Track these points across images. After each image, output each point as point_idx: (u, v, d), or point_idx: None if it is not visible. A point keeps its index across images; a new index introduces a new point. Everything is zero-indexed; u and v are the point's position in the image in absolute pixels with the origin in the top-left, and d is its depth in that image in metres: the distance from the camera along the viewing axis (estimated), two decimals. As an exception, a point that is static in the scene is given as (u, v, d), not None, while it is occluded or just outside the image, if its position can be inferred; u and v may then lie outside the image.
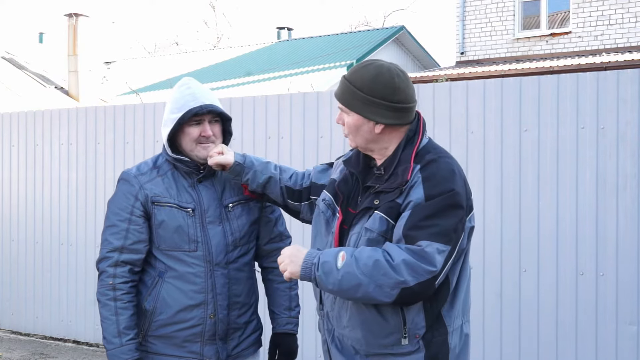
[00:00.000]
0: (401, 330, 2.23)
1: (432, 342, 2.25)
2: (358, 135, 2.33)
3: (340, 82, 2.38)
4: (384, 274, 2.11)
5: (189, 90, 2.64)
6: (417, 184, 2.21)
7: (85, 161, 6.62)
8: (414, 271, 2.11)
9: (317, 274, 2.20)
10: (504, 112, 4.82)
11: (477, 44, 16.43)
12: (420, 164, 2.25)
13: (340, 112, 2.38)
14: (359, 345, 2.30)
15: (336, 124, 2.47)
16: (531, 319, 4.73)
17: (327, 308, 2.39)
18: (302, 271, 2.23)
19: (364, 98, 2.28)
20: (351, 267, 2.15)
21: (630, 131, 4.50)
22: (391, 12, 49.40)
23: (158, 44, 40.69)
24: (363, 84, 2.28)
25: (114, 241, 2.62)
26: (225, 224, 2.68)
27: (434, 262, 2.12)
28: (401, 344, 2.24)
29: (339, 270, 2.16)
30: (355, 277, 2.13)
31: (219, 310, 2.65)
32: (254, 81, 18.62)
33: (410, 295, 2.13)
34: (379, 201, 2.26)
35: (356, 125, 2.32)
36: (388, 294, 2.12)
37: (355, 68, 2.34)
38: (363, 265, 2.13)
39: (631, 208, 4.48)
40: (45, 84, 17.65)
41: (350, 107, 2.31)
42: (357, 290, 2.14)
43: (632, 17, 14.78)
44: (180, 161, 2.65)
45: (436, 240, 2.14)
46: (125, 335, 2.58)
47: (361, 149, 2.38)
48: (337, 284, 2.16)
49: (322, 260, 2.20)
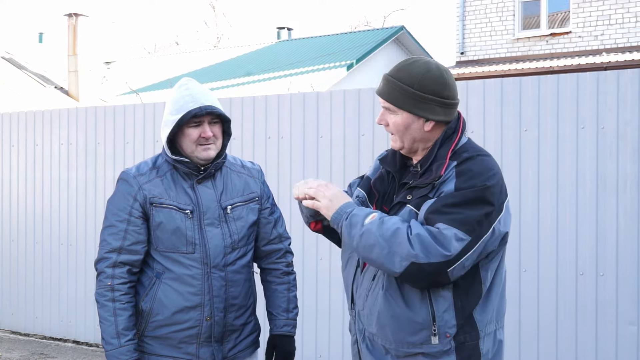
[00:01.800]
0: (430, 327, 2.18)
1: (464, 345, 2.20)
2: (406, 135, 2.28)
3: (383, 80, 2.31)
4: (399, 243, 2.10)
5: (188, 92, 2.62)
6: (450, 178, 2.18)
7: (85, 161, 6.62)
8: (427, 249, 2.08)
9: (345, 223, 2.20)
10: (504, 112, 4.82)
11: (477, 44, 16.43)
12: (457, 161, 2.22)
13: (382, 112, 2.31)
14: (389, 344, 2.25)
15: (336, 124, 2.46)
16: (531, 319, 4.72)
17: (359, 307, 2.34)
18: (334, 215, 2.24)
19: (415, 95, 2.23)
20: (374, 226, 2.14)
21: (630, 131, 4.49)
22: (391, 12, 49.43)
23: (158, 44, 40.72)
24: (413, 81, 2.23)
25: (112, 242, 2.62)
26: (224, 225, 2.68)
27: (448, 247, 2.08)
28: (431, 342, 2.19)
29: (363, 226, 2.15)
30: (373, 237, 2.13)
31: (216, 313, 2.65)
32: (254, 81, 18.62)
33: (418, 272, 2.09)
34: (411, 196, 2.24)
35: (405, 124, 2.26)
36: (398, 264, 2.10)
37: (400, 66, 2.29)
38: (385, 229, 2.12)
39: (631, 208, 4.48)
40: (45, 84, 17.64)
41: (400, 105, 2.25)
42: (372, 249, 2.13)
43: (632, 17, 14.78)
44: (180, 162, 2.65)
45: (456, 226, 2.10)
46: (124, 336, 2.58)
47: (405, 150, 2.32)
48: (357, 238, 2.16)
49: (354, 212, 2.20)
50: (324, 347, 5.47)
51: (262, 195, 2.82)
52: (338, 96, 5.43)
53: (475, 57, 16.40)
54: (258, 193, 2.79)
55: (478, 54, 16.41)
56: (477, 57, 16.39)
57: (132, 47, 45.45)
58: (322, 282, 5.43)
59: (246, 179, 2.78)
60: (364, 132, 5.28)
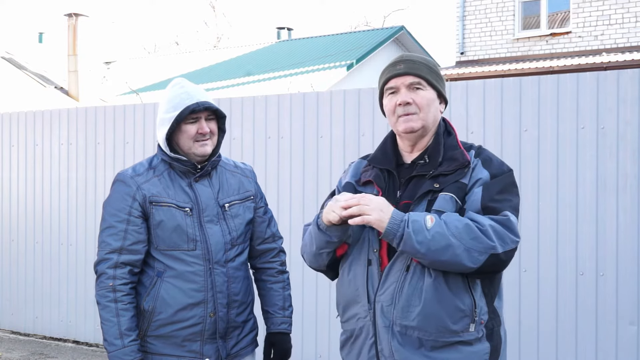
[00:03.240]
0: (472, 314, 2.19)
1: (493, 332, 2.24)
2: (430, 112, 2.31)
3: (406, 61, 2.32)
4: (474, 238, 2.09)
5: (183, 89, 2.65)
6: (479, 166, 2.26)
7: (85, 161, 6.62)
8: (502, 239, 2.11)
9: (407, 230, 2.10)
10: (504, 112, 4.82)
11: (477, 44, 16.43)
12: (473, 150, 2.32)
13: (406, 91, 2.29)
14: (427, 335, 2.19)
15: (336, 124, 2.47)
16: (531, 319, 4.72)
17: (384, 302, 2.22)
18: (389, 224, 2.13)
19: (438, 73, 2.32)
20: (442, 227, 2.11)
21: (630, 131, 4.50)
22: (391, 12, 49.43)
23: (158, 44, 40.71)
24: (430, 62, 2.33)
25: (112, 242, 2.62)
26: (222, 223, 2.70)
27: (517, 232, 2.15)
28: (469, 329, 2.20)
29: (429, 230, 2.10)
30: (445, 238, 2.09)
31: (219, 309, 2.66)
32: (254, 81, 18.62)
33: (496, 262, 2.12)
34: (439, 184, 2.24)
35: (431, 99, 2.31)
36: (475, 259, 2.09)
37: (408, 54, 2.37)
38: (454, 227, 2.10)
39: (631, 208, 4.48)
40: (45, 84, 17.64)
41: (429, 80, 2.30)
42: (445, 251, 2.09)
43: (632, 17, 14.78)
44: (177, 160, 2.66)
45: (512, 212, 2.19)
46: (127, 336, 2.58)
47: (422, 130, 2.30)
48: (427, 243, 2.09)
49: (412, 218, 2.13)
50: (324, 347, 5.47)
51: (257, 194, 2.85)
52: (338, 96, 5.43)
53: (475, 57, 16.40)
54: (253, 192, 2.83)
55: (478, 54, 16.41)
56: (477, 57, 16.39)
57: (132, 47, 45.47)
58: (322, 282, 5.43)
59: (240, 178, 2.82)
60: (364, 132, 5.28)
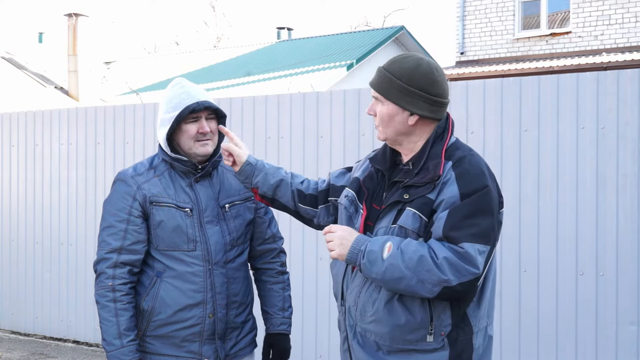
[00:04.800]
0: (427, 327, 2.22)
1: (457, 341, 2.25)
2: (390, 126, 2.32)
3: (377, 72, 2.36)
4: (427, 270, 2.11)
5: (183, 89, 2.65)
6: (451, 181, 2.21)
7: (85, 161, 6.62)
8: (457, 271, 2.11)
9: (363, 262, 2.20)
10: (504, 112, 4.82)
11: (477, 44, 16.43)
12: (451, 160, 2.25)
13: (372, 103, 2.36)
14: (382, 340, 2.27)
15: (336, 124, 2.48)
16: (531, 319, 4.72)
17: (349, 303, 2.35)
18: (348, 255, 2.24)
19: (401, 87, 2.28)
20: (396, 259, 2.14)
21: (630, 131, 4.50)
22: (391, 12, 49.42)
23: (158, 44, 40.70)
24: (402, 73, 2.28)
25: (112, 242, 2.62)
26: (222, 223, 2.70)
27: (476, 264, 2.12)
28: (426, 340, 2.23)
29: (383, 261, 2.15)
30: (399, 270, 2.13)
31: (218, 309, 2.66)
32: (254, 81, 18.61)
33: (451, 293, 2.13)
34: (408, 195, 2.25)
35: (390, 114, 2.30)
36: (430, 290, 2.12)
37: (394, 59, 2.34)
38: (408, 259, 2.13)
39: (631, 208, 4.48)
40: (45, 84, 17.64)
41: (386, 95, 2.30)
42: (399, 282, 2.14)
43: (632, 17, 14.78)
44: (178, 160, 2.66)
45: (477, 241, 2.14)
46: (126, 336, 2.58)
47: (390, 141, 2.36)
48: (381, 274, 2.16)
49: (368, 248, 2.20)
50: (324, 347, 5.47)
51: None
52: (338, 96, 5.43)
53: (475, 57, 16.40)
54: None
55: (478, 54, 16.41)
56: (477, 57, 16.39)
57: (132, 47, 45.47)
58: (322, 282, 5.43)
59: None
60: (364, 132, 5.28)
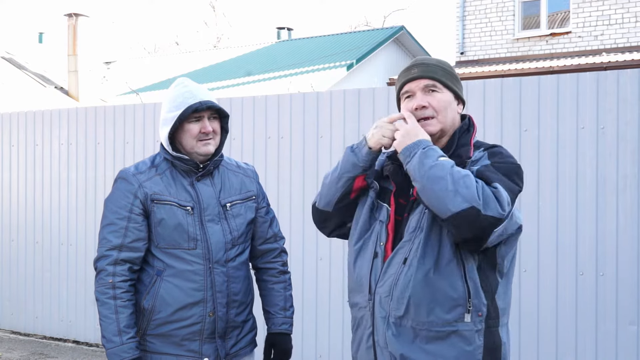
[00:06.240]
0: (465, 303, 2.19)
1: (490, 330, 2.23)
2: (448, 114, 2.33)
3: (420, 65, 2.35)
4: (467, 186, 2.11)
5: (186, 89, 2.66)
6: (483, 158, 2.26)
7: (85, 161, 6.63)
8: (487, 202, 2.11)
9: (421, 151, 2.20)
10: (504, 112, 4.82)
11: (477, 44, 16.42)
12: (483, 148, 2.31)
13: (421, 95, 2.33)
14: (421, 325, 2.22)
15: (336, 124, 2.47)
16: (531, 318, 4.72)
17: (382, 294, 2.27)
18: (410, 144, 2.24)
19: (454, 75, 2.34)
20: (447, 164, 2.16)
21: (630, 131, 4.50)
22: (391, 12, 49.42)
23: (158, 44, 40.71)
24: (445, 64, 2.33)
25: (112, 239, 2.62)
26: (223, 222, 2.70)
27: (504, 206, 2.13)
28: (464, 320, 2.20)
29: (437, 160, 2.17)
30: (444, 172, 2.14)
31: (218, 308, 2.66)
32: (254, 81, 18.60)
33: (475, 218, 2.10)
34: None
35: (449, 101, 2.33)
36: (457, 204, 2.10)
37: (421, 58, 2.39)
38: (457, 171, 2.15)
39: (631, 208, 4.48)
40: (45, 84, 17.64)
41: (445, 82, 2.32)
42: (438, 182, 2.14)
43: (632, 17, 14.77)
44: (179, 159, 2.67)
45: (507, 190, 2.16)
46: (125, 333, 2.58)
47: (441, 132, 2.34)
48: (428, 167, 2.17)
49: (431, 147, 2.22)
50: (324, 347, 5.47)
51: (259, 194, 2.86)
52: (338, 96, 5.43)
53: (475, 57, 16.40)
54: (255, 192, 2.84)
55: (478, 54, 16.40)
56: (477, 57, 16.39)
57: (132, 47, 45.46)
58: (322, 282, 5.44)
59: (242, 178, 2.83)
60: (364, 132, 5.28)
